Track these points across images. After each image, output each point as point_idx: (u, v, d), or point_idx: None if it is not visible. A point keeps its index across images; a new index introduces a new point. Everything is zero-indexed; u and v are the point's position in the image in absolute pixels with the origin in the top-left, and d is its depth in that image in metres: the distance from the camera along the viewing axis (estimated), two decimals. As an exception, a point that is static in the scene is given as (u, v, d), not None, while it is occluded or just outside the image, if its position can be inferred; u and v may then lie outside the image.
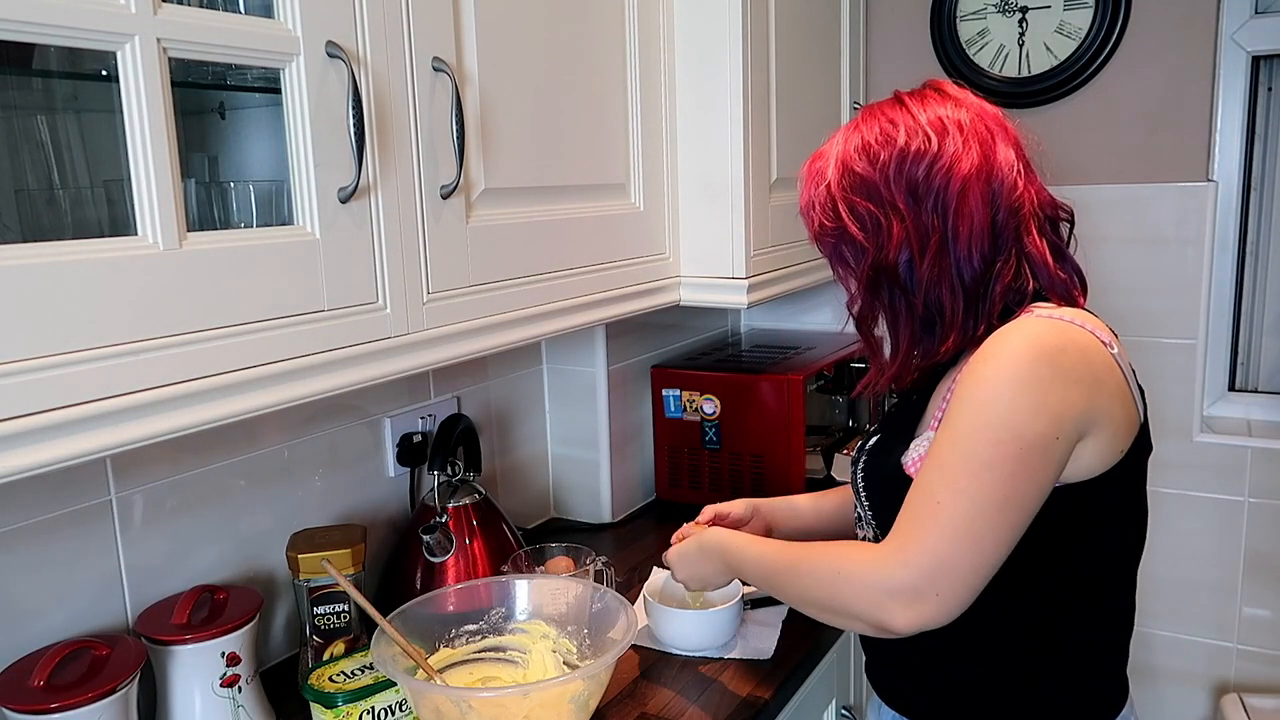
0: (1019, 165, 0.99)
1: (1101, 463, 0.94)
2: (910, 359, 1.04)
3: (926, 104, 1.01)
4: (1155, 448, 1.03)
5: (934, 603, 0.89)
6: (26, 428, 0.71)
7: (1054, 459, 0.90)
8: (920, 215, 0.97)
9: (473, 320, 1.12)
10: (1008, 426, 0.88)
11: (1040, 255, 0.98)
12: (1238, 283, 1.92)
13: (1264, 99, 1.86)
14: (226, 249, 0.85)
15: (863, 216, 1.00)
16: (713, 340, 2.16)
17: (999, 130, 1.00)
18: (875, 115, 1.03)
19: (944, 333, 0.99)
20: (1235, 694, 1.86)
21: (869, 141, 1.00)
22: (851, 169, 1.01)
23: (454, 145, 1.04)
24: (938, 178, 0.97)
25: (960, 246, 0.97)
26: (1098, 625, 1.02)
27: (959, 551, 0.88)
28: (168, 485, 1.18)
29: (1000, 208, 0.97)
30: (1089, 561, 0.99)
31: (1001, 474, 0.88)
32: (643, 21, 1.40)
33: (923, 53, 2.02)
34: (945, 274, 0.98)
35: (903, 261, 0.99)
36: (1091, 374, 0.91)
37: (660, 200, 1.47)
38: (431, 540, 1.37)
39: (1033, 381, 0.88)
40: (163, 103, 0.78)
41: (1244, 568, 1.90)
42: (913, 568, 0.89)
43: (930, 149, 0.97)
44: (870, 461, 1.09)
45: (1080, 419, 0.90)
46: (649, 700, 1.20)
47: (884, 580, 0.91)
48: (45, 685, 0.93)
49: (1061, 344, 0.91)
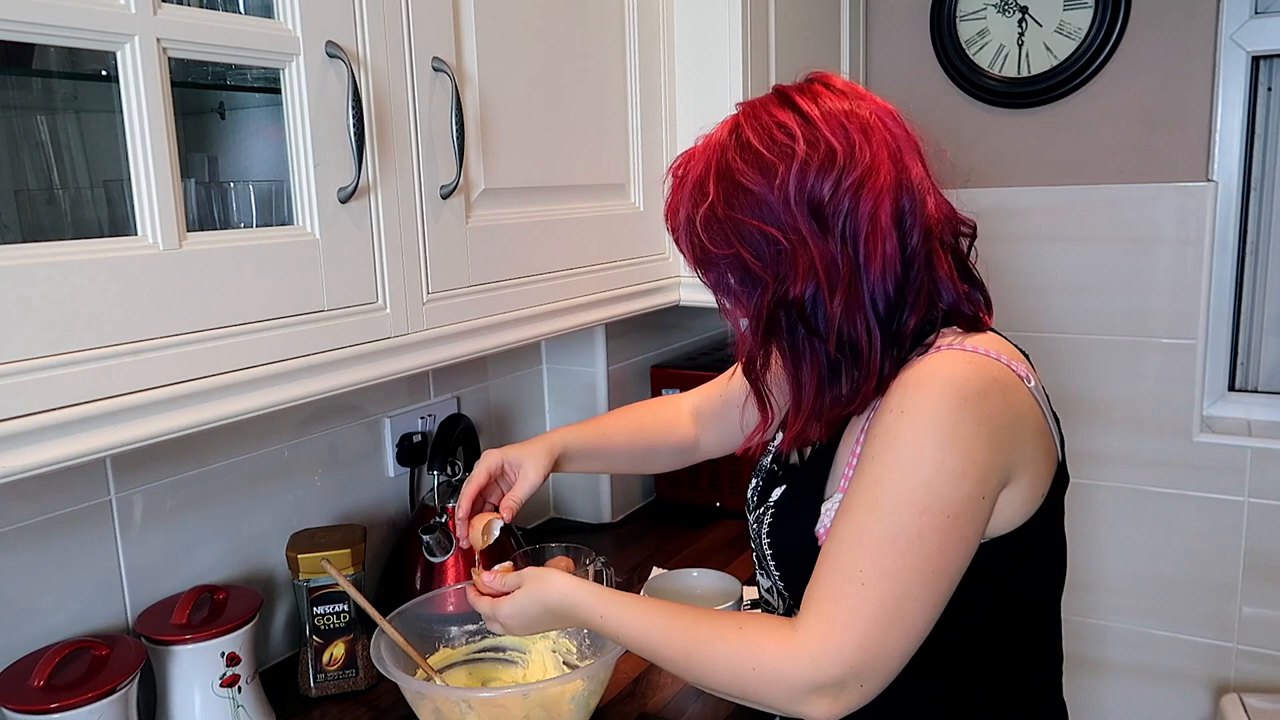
0: (927, 180, 0.88)
1: (1023, 512, 0.87)
2: (818, 410, 0.90)
3: (819, 102, 0.87)
4: (1155, 448, 1.02)
5: (858, 693, 0.81)
6: (26, 428, 0.71)
7: (980, 519, 0.83)
8: (826, 242, 0.84)
9: (473, 320, 1.12)
10: (933, 493, 0.80)
11: (949, 278, 0.88)
12: (1238, 283, 1.92)
13: (1264, 99, 1.86)
14: (226, 249, 0.85)
15: (759, 243, 0.86)
16: (713, 340, 2.16)
17: (903, 136, 0.87)
18: (759, 116, 0.88)
19: (862, 376, 0.87)
20: (1235, 694, 1.85)
21: (757, 149, 0.86)
22: (739, 183, 0.86)
23: (454, 145, 1.04)
24: (846, 197, 0.84)
25: (873, 275, 0.84)
26: (1031, 666, 0.98)
27: (889, 639, 0.80)
28: (168, 485, 1.18)
29: (912, 229, 0.85)
30: (1017, 608, 0.94)
31: (929, 546, 0.80)
32: (643, 21, 1.40)
33: (923, 53, 2.02)
34: (859, 308, 0.85)
35: (808, 295, 0.85)
36: (1014, 418, 0.84)
37: (660, 200, 1.47)
38: (431, 540, 1.37)
39: (958, 438, 0.80)
40: (163, 103, 0.78)
41: (1244, 568, 1.90)
42: (839, 663, 0.80)
43: (836, 161, 0.84)
44: (778, 525, 0.97)
45: (1004, 470, 0.84)
46: (649, 700, 1.20)
47: (807, 675, 0.81)
48: (45, 685, 0.93)
49: (983, 388, 0.82)
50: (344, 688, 1.22)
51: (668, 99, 1.47)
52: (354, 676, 1.22)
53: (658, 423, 1.26)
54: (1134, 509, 1.97)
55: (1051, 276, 1.97)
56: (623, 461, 1.25)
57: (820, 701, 0.81)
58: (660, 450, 1.25)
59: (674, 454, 1.27)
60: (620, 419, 1.26)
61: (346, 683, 1.22)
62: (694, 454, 1.28)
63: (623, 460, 1.25)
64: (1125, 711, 2.05)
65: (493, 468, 1.11)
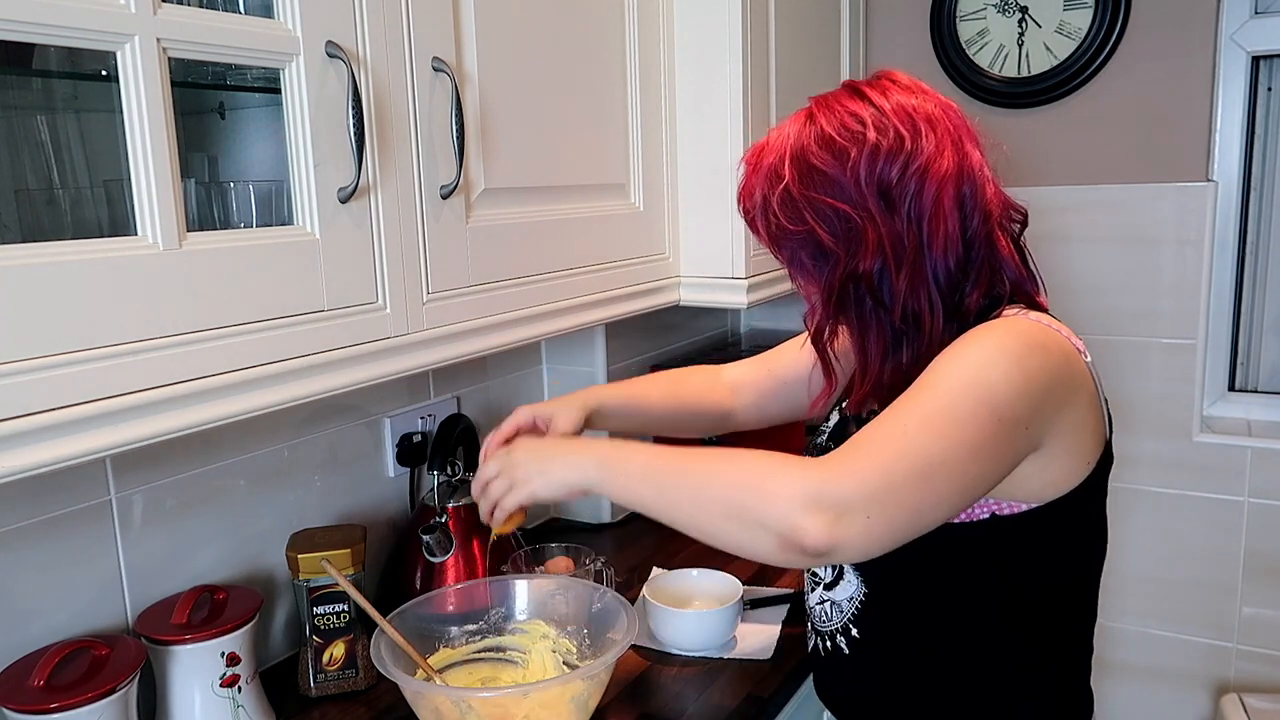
0: (986, 168, 0.94)
1: (1067, 480, 0.91)
2: (882, 377, 0.95)
3: (889, 95, 0.93)
4: (1155, 448, 1.04)
5: (859, 525, 0.79)
6: (26, 428, 0.71)
7: (1018, 446, 0.85)
8: (894, 221, 0.90)
9: (472, 320, 1.12)
10: (993, 396, 0.82)
11: (1010, 258, 0.94)
12: (1238, 283, 1.92)
13: (1264, 99, 1.86)
14: (226, 249, 0.85)
15: (831, 219, 0.92)
16: (713, 340, 2.16)
17: (964, 128, 0.94)
18: (832, 107, 0.93)
19: (923, 346, 0.92)
20: (1235, 694, 1.85)
21: (831, 135, 0.91)
22: (813, 165, 0.92)
23: (454, 145, 1.04)
24: (912, 181, 0.89)
25: (936, 252, 0.90)
26: (1064, 651, 0.99)
27: (911, 488, 0.80)
28: (168, 485, 1.18)
29: (973, 212, 0.91)
30: (1058, 583, 0.96)
31: (975, 434, 0.82)
32: (643, 22, 1.40)
33: (923, 53, 2.02)
34: (923, 283, 0.91)
35: (876, 270, 0.91)
36: (1072, 379, 0.88)
37: (660, 200, 1.47)
38: (431, 540, 1.37)
39: (1025, 365, 0.84)
40: (163, 103, 0.78)
41: (1243, 568, 1.90)
42: (858, 480, 0.79)
43: (904, 148, 0.90)
44: None
45: (1048, 426, 0.87)
46: (649, 700, 1.20)
47: (821, 482, 0.80)
48: (45, 685, 0.93)
49: (1048, 344, 0.87)
50: (344, 688, 1.22)
51: (668, 99, 1.47)
52: (354, 676, 1.22)
53: (694, 386, 1.28)
54: (1134, 509, 1.97)
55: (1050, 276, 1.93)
56: (657, 421, 1.25)
57: (821, 516, 0.78)
58: (696, 412, 1.26)
59: (710, 419, 1.28)
60: (657, 380, 1.29)
61: (346, 683, 1.22)
62: (728, 423, 1.29)
63: (657, 419, 1.25)
64: (1125, 711, 2.05)
65: (522, 423, 1.11)
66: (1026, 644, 0.97)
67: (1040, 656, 0.98)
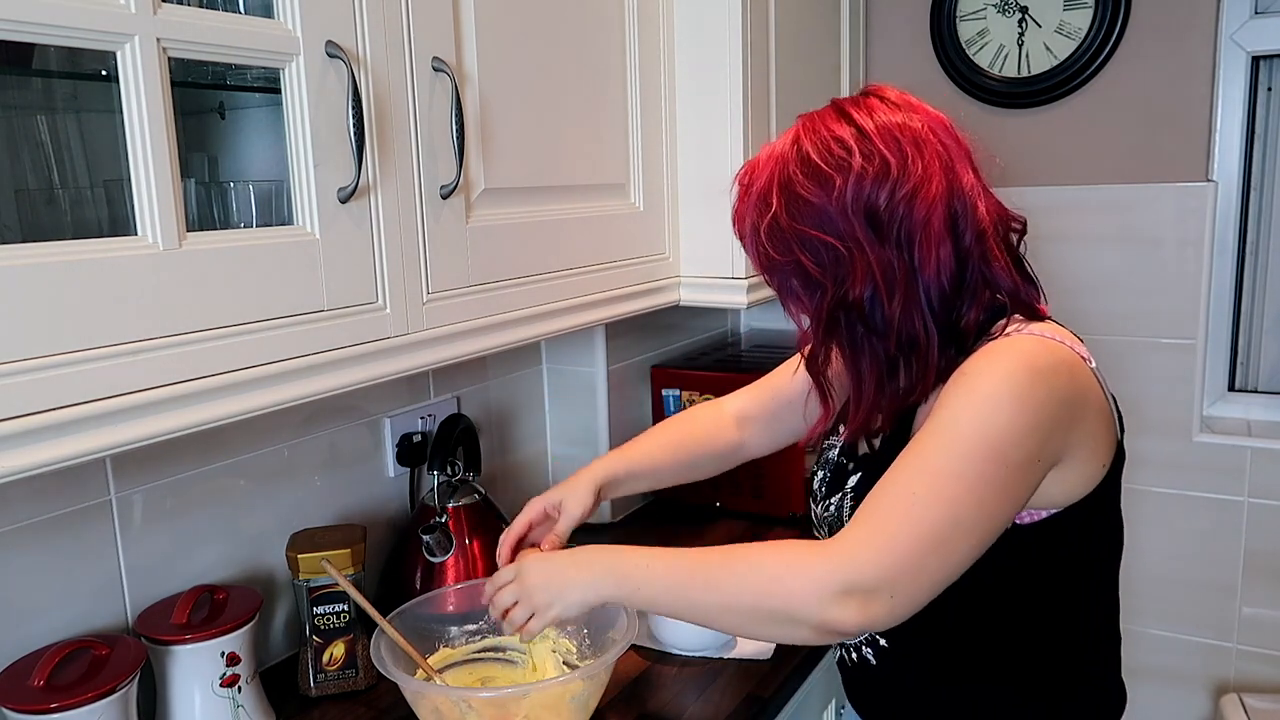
0: (978, 185, 0.92)
1: (1084, 485, 0.92)
2: (877, 402, 0.95)
3: (874, 115, 0.91)
4: (1155, 448, 1.04)
5: (886, 605, 0.82)
6: (26, 428, 0.71)
7: (1032, 481, 0.86)
8: (883, 248, 0.89)
9: (472, 320, 1.12)
10: (1001, 443, 0.83)
11: (1006, 272, 0.93)
12: (1237, 283, 1.92)
13: (1264, 99, 1.86)
14: (226, 249, 0.85)
15: (818, 250, 0.91)
16: (713, 340, 2.16)
17: (954, 145, 0.92)
18: (818, 130, 0.92)
19: (920, 370, 0.92)
20: (1235, 694, 1.86)
21: (817, 163, 0.90)
22: (799, 194, 0.90)
23: (454, 145, 1.04)
24: (901, 205, 0.88)
25: (928, 276, 0.89)
26: (1092, 643, 1.01)
27: (929, 560, 0.82)
28: (168, 485, 1.18)
29: (965, 232, 0.90)
30: (1080, 581, 0.98)
31: (986, 489, 0.83)
32: (643, 22, 1.40)
33: (923, 52, 2.02)
34: (916, 307, 0.90)
35: (866, 297, 0.90)
36: (1079, 395, 0.88)
37: (660, 200, 1.47)
38: (431, 540, 1.37)
39: (1030, 401, 0.84)
40: (162, 103, 0.78)
41: (1243, 568, 1.90)
42: (878, 566, 0.82)
43: (891, 173, 0.88)
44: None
45: (1062, 443, 0.87)
46: (649, 700, 1.20)
47: (841, 573, 0.82)
48: (45, 685, 0.93)
49: (1054, 365, 0.86)
50: (344, 688, 1.22)
51: (668, 99, 1.47)
52: (354, 676, 1.22)
53: (698, 432, 1.27)
54: (1134, 509, 1.95)
55: (1051, 276, 1.93)
56: (668, 476, 1.26)
57: (850, 603, 0.82)
58: (704, 459, 1.27)
59: (719, 460, 1.28)
60: (659, 436, 1.28)
61: (346, 683, 1.22)
62: (739, 456, 1.29)
63: (667, 475, 1.26)
64: (1125, 711, 2.05)
65: (534, 517, 1.15)
66: (1056, 642, 0.98)
67: (1071, 652, 0.99)
